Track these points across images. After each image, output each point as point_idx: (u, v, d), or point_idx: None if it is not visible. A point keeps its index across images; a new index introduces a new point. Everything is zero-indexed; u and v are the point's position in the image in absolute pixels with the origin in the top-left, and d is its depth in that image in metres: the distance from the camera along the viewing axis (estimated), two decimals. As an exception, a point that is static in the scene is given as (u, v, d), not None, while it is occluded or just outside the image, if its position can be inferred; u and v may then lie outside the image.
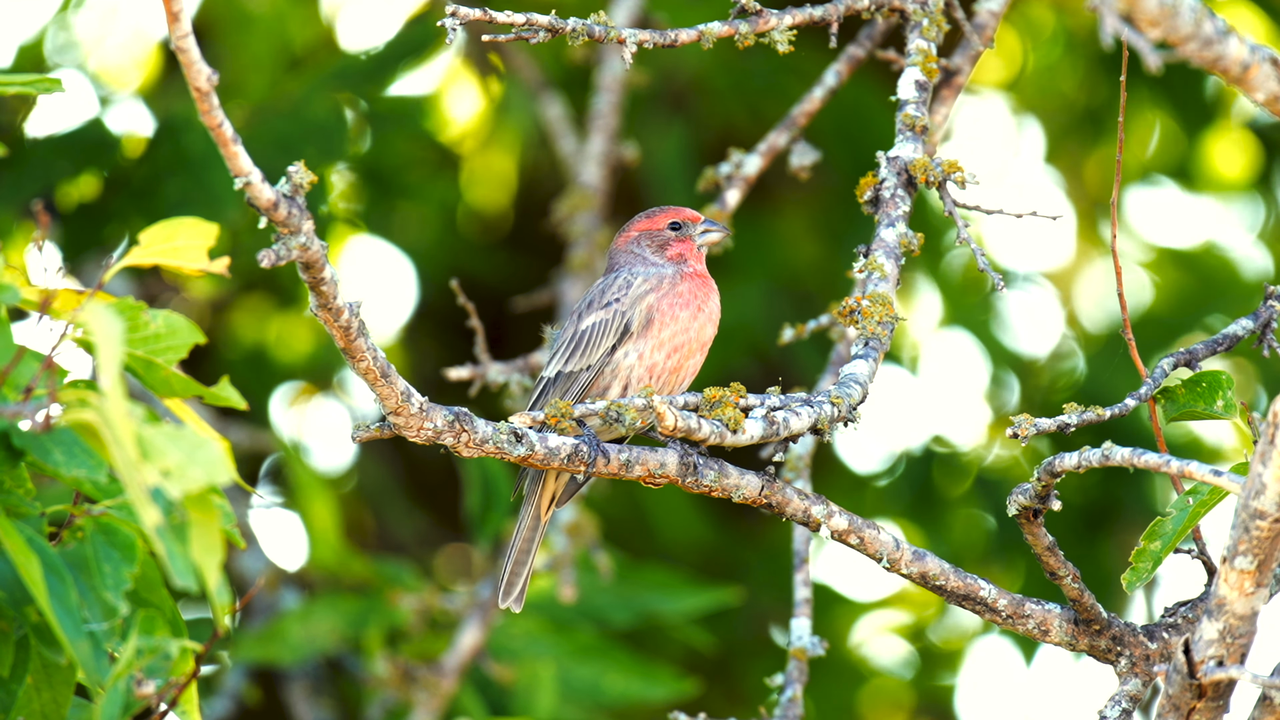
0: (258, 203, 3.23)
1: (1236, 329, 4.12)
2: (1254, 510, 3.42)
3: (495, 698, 5.97)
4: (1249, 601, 3.49)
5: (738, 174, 5.01)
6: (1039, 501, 3.83)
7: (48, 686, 3.04)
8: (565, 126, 6.43)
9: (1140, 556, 3.83)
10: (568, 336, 4.06)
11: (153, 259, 3.09)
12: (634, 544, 6.65)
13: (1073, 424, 3.91)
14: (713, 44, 4.22)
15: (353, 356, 3.54)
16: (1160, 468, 3.67)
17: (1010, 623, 3.98)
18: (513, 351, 5.26)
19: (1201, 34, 3.19)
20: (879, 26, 4.82)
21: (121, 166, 6.18)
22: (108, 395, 2.75)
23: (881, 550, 3.95)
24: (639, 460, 3.84)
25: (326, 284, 3.40)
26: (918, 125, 4.28)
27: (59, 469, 2.91)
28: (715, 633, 6.54)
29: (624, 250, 4.16)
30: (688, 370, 4.06)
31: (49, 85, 3.43)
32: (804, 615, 4.65)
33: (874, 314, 4.07)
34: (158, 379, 3.07)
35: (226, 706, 6.18)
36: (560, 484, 4.10)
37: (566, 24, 4.09)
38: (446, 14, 3.99)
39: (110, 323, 2.77)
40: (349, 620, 5.97)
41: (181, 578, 2.80)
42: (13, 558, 2.88)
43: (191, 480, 2.75)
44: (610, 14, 5.30)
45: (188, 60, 3.08)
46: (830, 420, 3.89)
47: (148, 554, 3.00)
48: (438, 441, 3.68)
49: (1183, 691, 3.59)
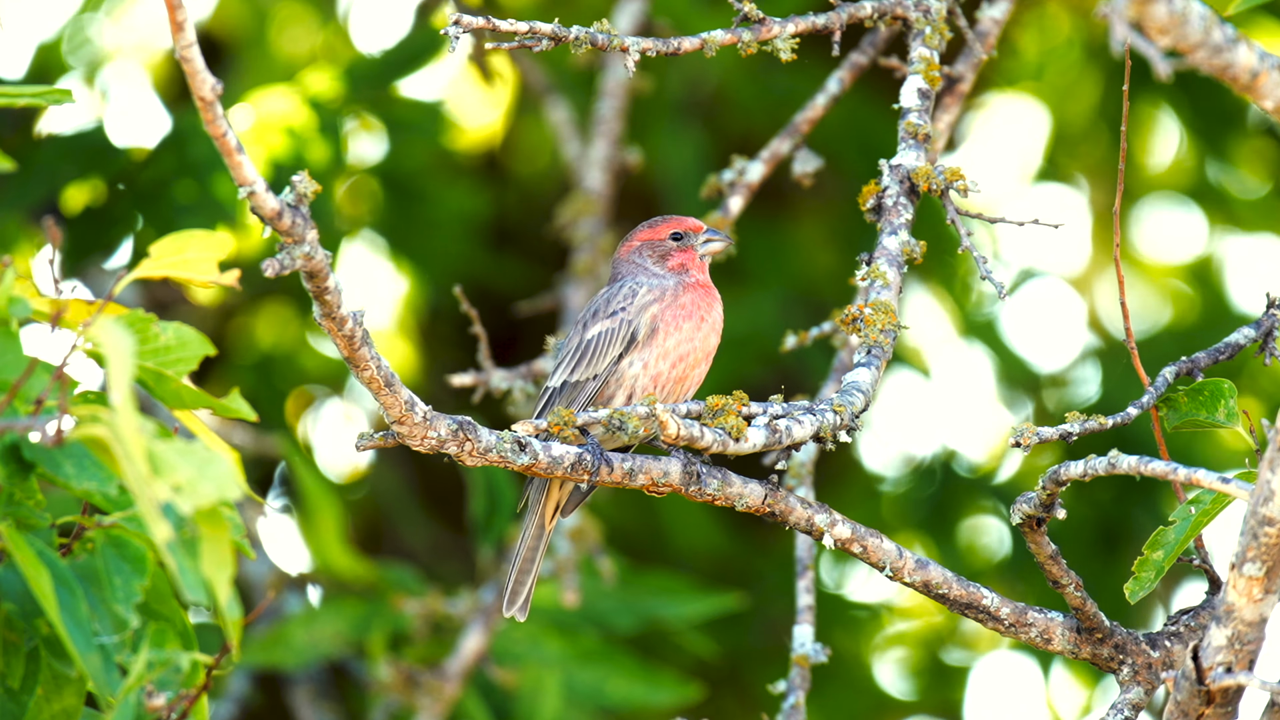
0: (261, 212, 3.24)
1: (1238, 337, 4.12)
2: (1262, 517, 3.43)
3: (499, 702, 5.98)
4: (1257, 608, 3.50)
5: (740, 181, 5.02)
6: (1043, 510, 3.84)
7: (58, 698, 3.04)
8: (570, 131, 6.44)
9: (1143, 566, 3.84)
10: (573, 346, 4.07)
11: (163, 271, 3.10)
12: (647, 551, 6.66)
13: (1075, 433, 3.91)
14: (715, 52, 4.22)
15: (357, 365, 3.55)
16: (1167, 475, 3.68)
17: (1013, 631, 3.99)
18: (529, 356, 5.26)
19: (1211, 41, 3.19)
20: (882, 34, 4.83)
21: (127, 171, 6.19)
22: (119, 411, 2.76)
23: (884, 559, 3.96)
24: (642, 469, 3.85)
25: (330, 293, 3.40)
26: (920, 133, 4.29)
27: (69, 482, 2.91)
28: (727, 640, 6.54)
29: (626, 260, 4.17)
30: (693, 380, 4.07)
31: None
32: (806, 622, 4.67)
33: (876, 322, 4.07)
34: (168, 391, 3.08)
35: (231, 711, 6.19)
36: (565, 493, 4.11)
37: (570, 32, 4.10)
38: (450, 23, 4.00)
39: (121, 338, 2.78)
40: (353, 624, 5.98)
41: (192, 593, 2.81)
42: (23, 570, 2.89)
43: (202, 496, 2.76)
44: (614, 21, 5.33)
45: (192, 70, 3.09)
46: (833, 428, 3.90)
47: (158, 566, 3.00)
48: (441, 450, 3.69)
49: (1191, 698, 3.59)
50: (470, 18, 4.00)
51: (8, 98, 3.42)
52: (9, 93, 3.43)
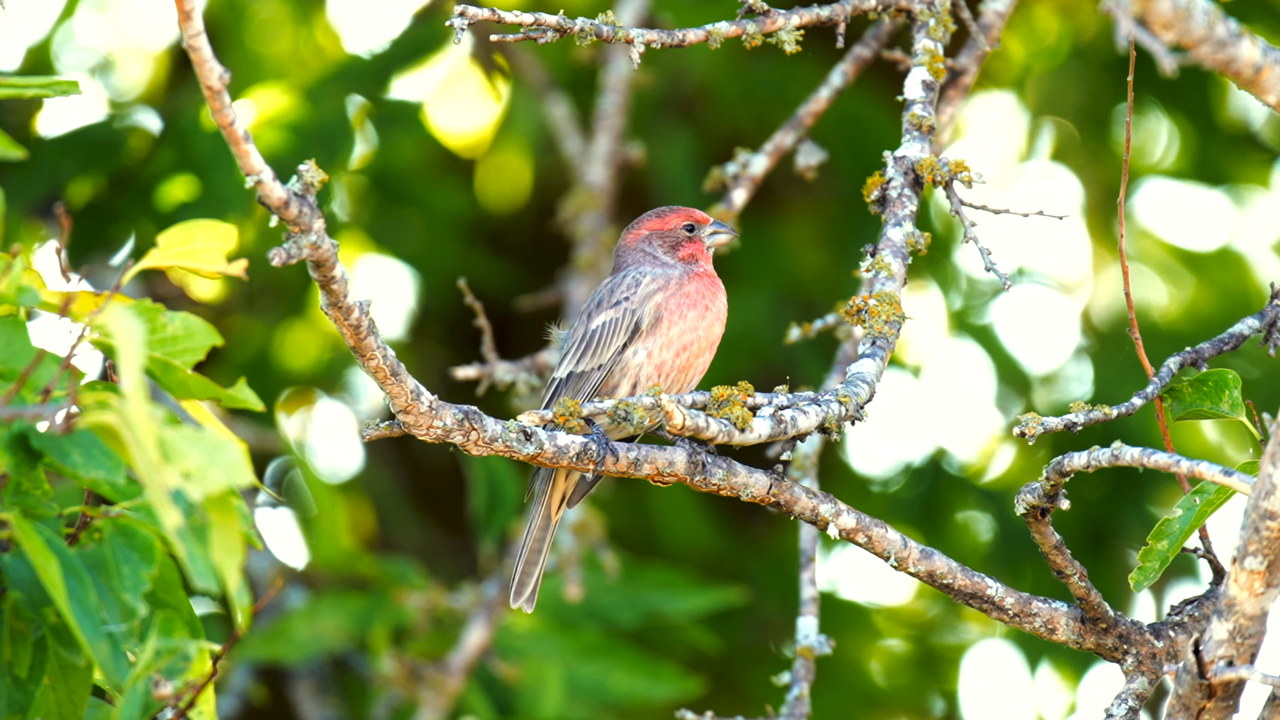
0: (269, 201, 3.24)
1: (1242, 328, 4.12)
2: (1264, 510, 3.43)
3: (501, 696, 5.98)
4: (1259, 602, 3.50)
5: (744, 174, 5.02)
6: (1047, 501, 3.84)
7: (64, 685, 3.04)
8: (571, 127, 6.44)
9: (1147, 556, 3.84)
10: (578, 336, 4.07)
11: (171, 261, 3.10)
12: (639, 549, 6.66)
13: (1079, 423, 3.91)
14: (720, 44, 4.22)
15: (363, 355, 3.55)
16: (1170, 467, 3.68)
17: (1017, 621, 3.99)
18: (519, 354, 5.27)
19: (1214, 36, 3.20)
20: (885, 27, 4.83)
21: (128, 167, 6.19)
22: (129, 397, 2.76)
23: (889, 549, 3.96)
24: (647, 459, 3.85)
25: (337, 282, 3.40)
26: (924, 125, 4.29)
27: (77, 470, 2.91)
28: (719, 636, 6.54)
29: (633, 248, 4.16)
30: (697, 369, 4.06)
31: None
32: (810, 614, 4.66)
33: (881, 313, 4.07)
34: (175, 381, 3.08)
35: (233, 705, 6.19)
36: (571, 483, 4.11)
37: (574, 24, 4.10)
38: (455, 14, 4.00)
39: (132, 325, 2.78)
40: (355, 619, 5.98)
41: (202, 579, 2.81)
42: (31, 559, 2.89)
43: (212, 482, 2.76)
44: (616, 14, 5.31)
45: (200, 59, 3.09)
46: (838, 419, 3.90)
47: (165, 555, 3.00)
48: (447, 440, 3.69)
49: (1193, 691, 3.60)
50: (475, 9, 4.00)
51: (14, 89, 3.42)
52: (15, 84, 3.43)
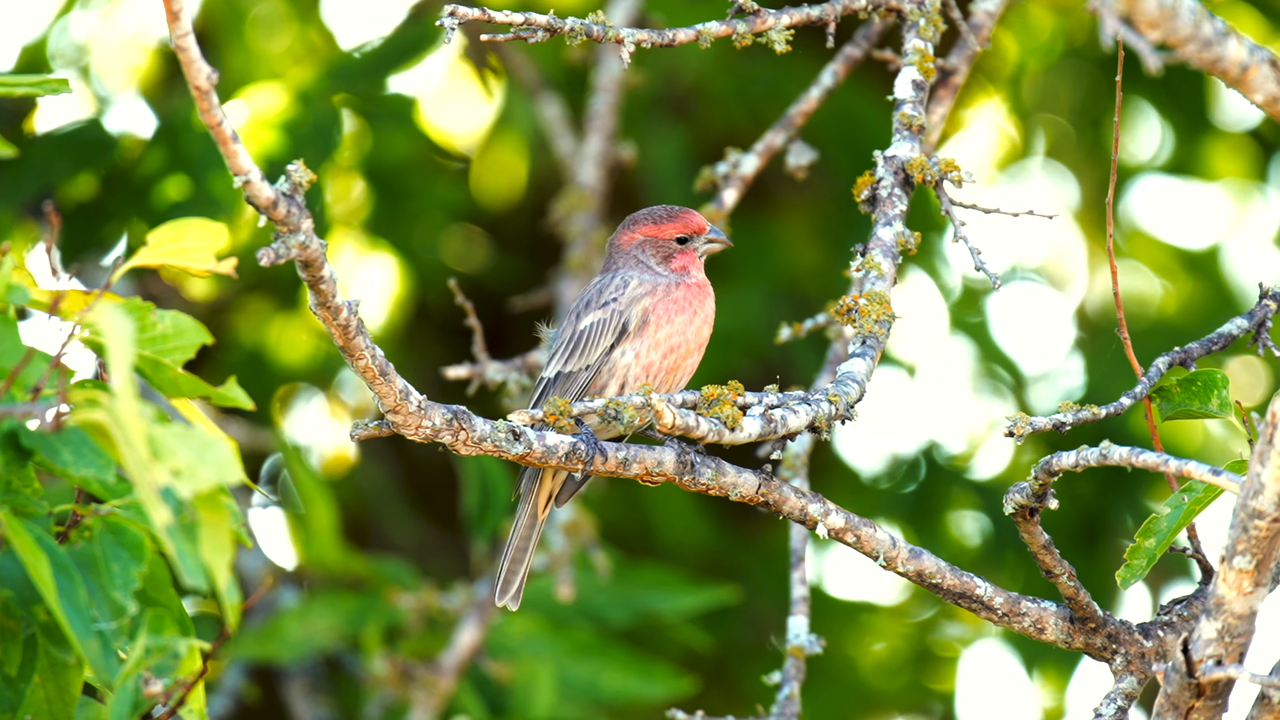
0: (257, 201, 3.24)
1: (1231, 328, 4.13)
2: (1252, 510, 3.44)
3: (493, 696, 5.98)
4: (1247, 601, 3.51)
5: (735, 174, 5.02)
6: (1036, 500, 3.85)
7: (54, 682, 3.04)
8: (563, 127, 6.44)
9: (1135, 553, 3.85)
10: (566, 337, 4.07)
11: (161, 259, 3.10)
12: (634, 546, 6.66)
13: (1068, 422, 3.92)
14: (710, 43, 4.23)
15: (351, 355, 3.55)
16: (1158, 467, 3.69)
17: (1006, 620, 4.00)
18: (515, 350, 5.27)
19: (1201, 35, 3.21)
20: (876, 27, 4.83)
21: (120, 167, 6.19)
22: (119, 395, 2.76)
23: (878, 548, 3.97)
24: (636, 458, 3.85)
25: (325, 282, 3.41)
26: (914, 124, 4.30)
27: (67, 468, 2.92)
28: (713, 635, 6.55)
29: (626, 252, 4.16)
30: (685, 370, 4.07)
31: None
32: (801, 614, 4.67)
33: (871, 312, 4.08)
34: (165, 379, 3.09)
35: (226, 704, 6.19)
36: (558, 482, 4.12)
37: (565, 23, 4.11)
38: (444, 13, 4.01)
39: (121, 323, 2.78)
40: (347, 619, 5.98)
41: (192, 577, 2.81)
42: (21, 557, 2.89)
43: (202, 480, 2.77)
44: (608, 14, 5.31)
45: (188, 59, 3.09)
46: (828, 418, 3.90)
47: (155, 553, 3.01)
48: (436, 439, 3.69)
49: (1181, 690, 3.60)
50: (465, 9, 4.01)
51: (6, 87, 3.43)
52: (7, 82, 3.43)
